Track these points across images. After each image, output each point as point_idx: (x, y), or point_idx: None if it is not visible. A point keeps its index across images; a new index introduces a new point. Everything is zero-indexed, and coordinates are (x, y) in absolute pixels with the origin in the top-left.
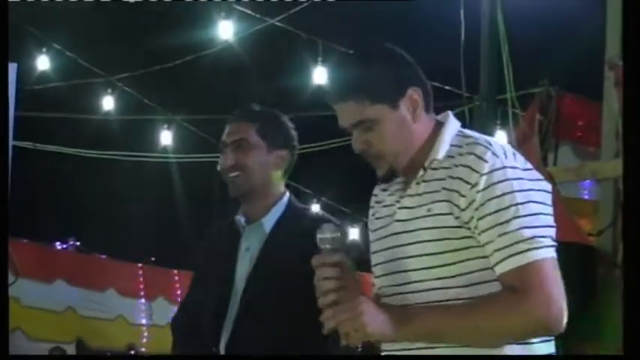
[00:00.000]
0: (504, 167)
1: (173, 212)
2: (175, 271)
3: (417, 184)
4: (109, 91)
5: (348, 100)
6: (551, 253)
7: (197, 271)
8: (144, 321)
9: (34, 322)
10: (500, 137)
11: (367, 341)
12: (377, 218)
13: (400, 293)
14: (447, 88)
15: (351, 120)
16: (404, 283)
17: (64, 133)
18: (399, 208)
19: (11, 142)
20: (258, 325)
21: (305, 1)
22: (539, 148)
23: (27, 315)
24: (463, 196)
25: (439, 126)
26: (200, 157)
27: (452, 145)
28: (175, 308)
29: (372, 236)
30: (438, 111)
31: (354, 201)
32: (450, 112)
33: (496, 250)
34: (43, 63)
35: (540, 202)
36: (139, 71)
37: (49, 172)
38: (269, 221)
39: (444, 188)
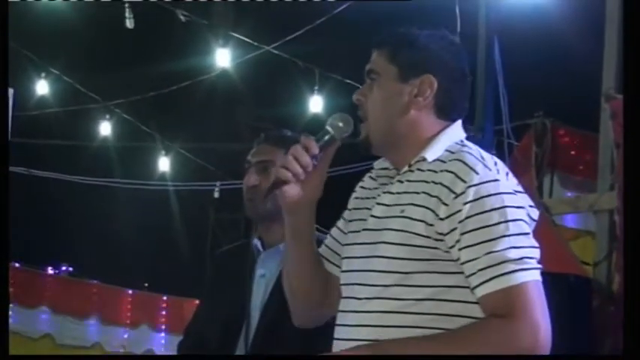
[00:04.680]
0: (496, 180)
1: (169, 239)
2: (165, 297)
3: (400, 182)
4: (107, 117)
5: (376, 48)
6: (537, 276)
7: (205, 295)
8: (120, 350)
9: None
10: None
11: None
12: (354, 209)
13: (354, 297)
14: None
15: (367, 67)
16: (360, 284)
17: (60, 160)
18: (377, 203)
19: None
20: (276, 352)
21: (309, 27)
22: (535, 179)
23: None
24: (445, 204)
25: (442, 130)
26: (197, 185)
27: (447, 151)
28: (157, 335)
29: (348, 227)
30: None
31: None
32: (459, 121)
33: (480, 270)
34: (41, 88)
35: (529, 224)
36: (134, 97)
37: (45, 197)
38: None
39: (425, 192)
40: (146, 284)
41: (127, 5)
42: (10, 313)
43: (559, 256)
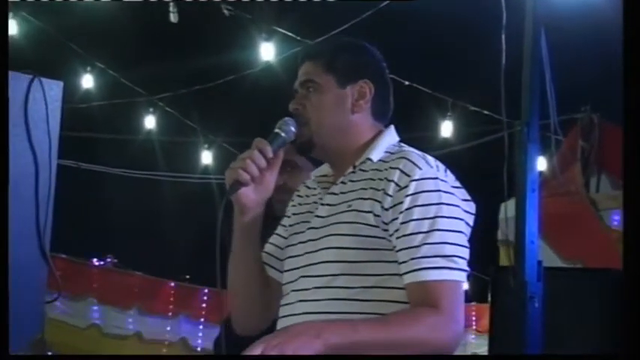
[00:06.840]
0: (436, 178)
1: (210, 232)
2: (206, 290)
3: (343, 182)
4: (151, 110)
5: (308, 59)
6: (463, 277)
7: None
8: (157, 337)
9: (58, 334)
10: (542, 162)
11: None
12: (295, 214)
13: (301, 289)
14: (486, 112)
15: (301, 78)
16: (306, 276)
17: (105, 153)
18: (321, 204)
19: (55, 161)
20: None
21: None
22: (581, 173)
23: (52, 325)
24: (390, 195)
25: (380, 134)
26: None
27: (387, 152)
28: (195, 325)
29: (287, 231)
30: (476, 136)
31: None
32: (392, 126)
33: (413, 259)
34: (87, 82)
35: (465, 222)
36: (179, 91)
37: (91, 190)
38: None
39: (372, 188)
40: (187, 276)
41: None
42: (58, 303)
43: (604, 251)
